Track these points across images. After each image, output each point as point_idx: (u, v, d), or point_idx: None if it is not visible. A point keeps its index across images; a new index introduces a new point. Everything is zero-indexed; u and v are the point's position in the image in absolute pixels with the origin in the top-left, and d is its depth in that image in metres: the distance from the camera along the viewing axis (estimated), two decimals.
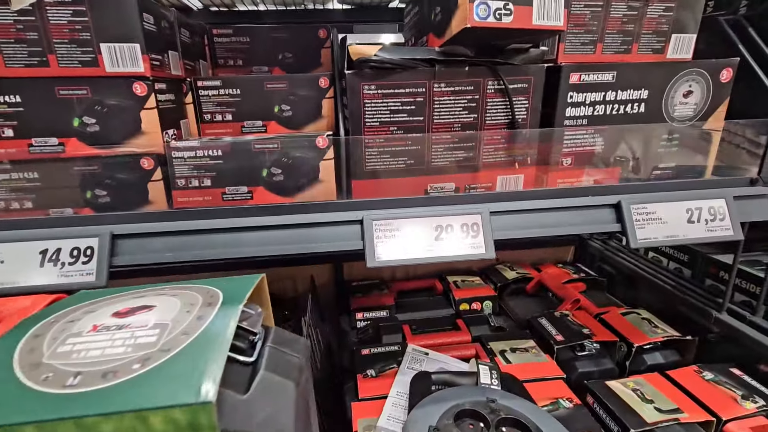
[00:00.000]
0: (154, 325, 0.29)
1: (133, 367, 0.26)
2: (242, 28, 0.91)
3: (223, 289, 0.33)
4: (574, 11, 0.64)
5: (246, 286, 0.33)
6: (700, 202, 0.71)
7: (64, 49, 0.57)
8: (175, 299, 0.32)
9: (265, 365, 0.29)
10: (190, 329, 0.28)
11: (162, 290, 0.34)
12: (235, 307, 0.30)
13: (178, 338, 0.27)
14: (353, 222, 0.67)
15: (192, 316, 0.29)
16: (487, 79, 0.66)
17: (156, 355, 0.26)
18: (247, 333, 0.30)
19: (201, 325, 0.28)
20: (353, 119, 0.66)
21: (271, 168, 0.66)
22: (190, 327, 0.28)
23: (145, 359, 0.26)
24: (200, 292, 0.33)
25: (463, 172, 0.71)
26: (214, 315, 0.29)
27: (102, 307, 0.31)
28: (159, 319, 0.29)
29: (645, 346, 0.88)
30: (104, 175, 0.63)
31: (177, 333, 0.28)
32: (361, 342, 1.03)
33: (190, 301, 0.31)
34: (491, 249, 0.67)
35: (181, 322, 0.29)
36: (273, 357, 0.30)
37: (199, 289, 0.33)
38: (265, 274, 0.37)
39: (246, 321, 0.31)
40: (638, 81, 0.68)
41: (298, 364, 0.31)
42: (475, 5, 0.53)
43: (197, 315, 0.29)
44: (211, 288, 0.34)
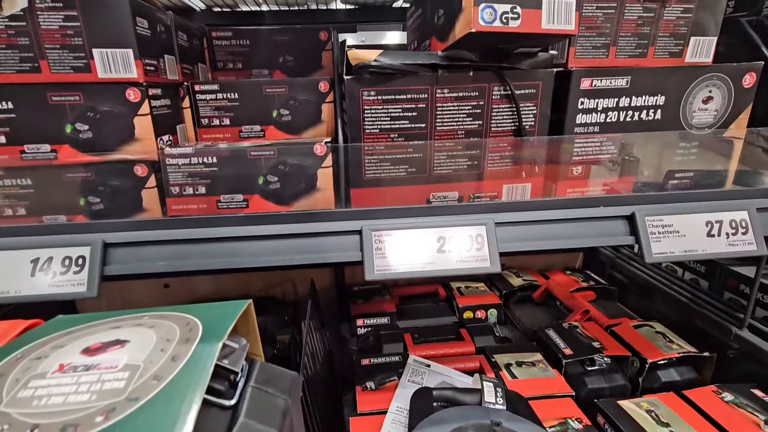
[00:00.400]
0: (124, 366, 0.27)
1: (96, 420, 0.23)
2: (242, 31, 0.89)
3: (204, 319, 0.31)
4: (586, 13, 0.61)
5: (229, 316, 0.31)
6: (720, 215, 0.67)
7: (56, 54, 0.56)
8: (151, 332, 0.29)
9: (246, 411, 0.26)
10: (163, 372, 0.26)
11: (140, 318, 0.32)
12: (214, 345, 0.27)
13: (149, 384, 0.25)
14: (352, 232, 0.64)
15: (166, 356, 0.27)
16: (493, 84, 0.62)
17: (122, 404, 0.24)
18: (227, 372, 0.28)
19: (175, 368, 0.26)
20: (352, 125, 0.63)
21: (268, 176, 0.64)
22: (163, 370, 0.26)
23: (110, 410, 0.24)
24: (179, 324, 0.30)
25: (468, 181, 0.68)
26: (191, 355, 0.27)
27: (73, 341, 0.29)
28: (130, 359, 0.27)
29: (659, 362, 0.84)
30: (97, 182, 0.62)
31: (148, 377, 0.26)
32: (361, 351, 1.01)
33: (167, 336, 0.29)
34: (496, 262, 0.64)
35: (153, 364, 0.27)
36: (255, 400, 0.28)
37: (178, 319, 0.31)
38: (251, 301, 0.34)
39: (227, 358, 0.29)
40: (654, 86, 0.65)
41: (282, 406, 0.28)
42: (481, 9, 0.50)
43: (172, 355, 0.27)
44: (191, 318, 0.31)
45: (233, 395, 0.27)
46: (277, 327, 1.12)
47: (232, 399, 0.27)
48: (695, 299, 0.95)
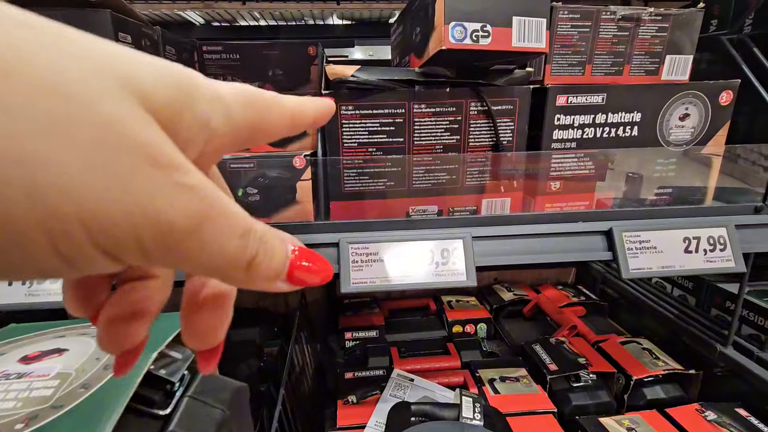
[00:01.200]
0: (56, 374, 0.27)
1: (15, 427, 0.23)
2: (232, 45, 0.91)
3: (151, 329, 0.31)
4: (561, 32, 0.62)
5: (173, 326, 0.31)
6: (698, 231, 0.67)
7: None
8: (92, 341, 0.30)
9: (178, 421, 0.27)
10: (93, 381, 0.26)
11: (87, 328, 0.32)
12: (148, 355, 0.28)
13: (76, 392, 0.25)
14: (330, 245, 0.65)
15: (100, 365, 0.27)
16: (470, 100, 0.63)
17: (45, 412, 0.24)
18: (163, 382, 0.28)
19: (105, 376, 0.26)
20: (331, 140, 0.64)
21: (247, 188, 0.65)
22: (92, 378, 0.26)
23: (32, 417, 0.24)
24: None
25: (447, 195, 0.68)
26: None
27: (15, 349, 0.30)
28: (64, 367, 0.27)
29: (645, 379, 0.83)
30: None
31: (77, 385, 0.26)
32: (347, 364, 1.00)
33: None
34: (473, 276, 0.64)
35: (86, 372, 0.27)
36: (189, 410, 0.28)
37: None
38: None
39: (166, 368, 0.29)
40: (630, 103, 0.65)
41: (219, 418, 0.28)
42: (451, 27, 0.51)
43: (105, 364, 0.27)
44: None
45: (168, 405, 0.28)
46: (266, 339, 1.11)
47: (165, 409, 0.27)
48: (682, 316, 0.94)
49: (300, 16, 1.39)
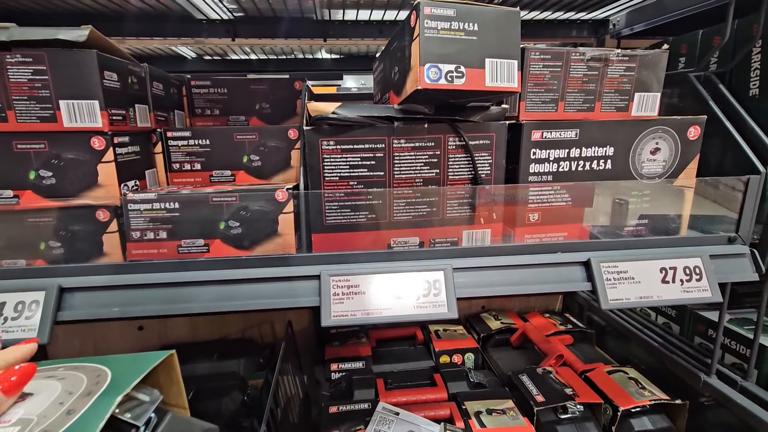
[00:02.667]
0: (17, 420, 0.26)
1: None
2: (220, 80, 0.93)
3: (116, 370, 0.31)
4: (533, 71, 0.65)
5: (141, 367, 0.31)
6: (674, 261, 0.69)
7: (23, 105, 0.58)
8: (58, 384, 0.29)
9: None
10: (53, 427, 0.26)
11: (55, 370, 0.32)
12: (111, 400, 0.27)
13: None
14: (311, 277, 0.65)
15: (63, 410, 0.27)
16: (448, 135, 0.65)
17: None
18: (127, 426, 0.28)
19: (68, 421, 0.26)
20: (312, 174, 0.65)
21: (229, 221, 0.65)
22: (54, 424, 0.26)
23: None
24: (89, 375, 0.30)
25: (427, 227, 0.69)
26: (87, 408, 0.27)
27: None
28: (26, 413, 0.27)
29: (632, 409, 0.82)
30: (58, 226, 0.63)
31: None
32: (332, 396, 0.98)
33: (71, 389, 0.29)
34: (454, 308, 0.64)
35: (47, 418, 0.27)
36: None
37: (90, 371, 0.31)
38: (173, 351, 0.35)
39: (131, 411, 0.29)
40: (603, 138, 0.68)
41: None
42: (426, 68, 0.53)
43: (68, 408, 0.27)
44: (102, 369, 0.31)
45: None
46: (251, 370, 1.09)
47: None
48: (667, 344, 0.94)
49: (290, 50, 1.43)
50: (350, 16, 1.06)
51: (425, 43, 0.53)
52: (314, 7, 0.99)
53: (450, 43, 0.54)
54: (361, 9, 1.02)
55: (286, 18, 1.05)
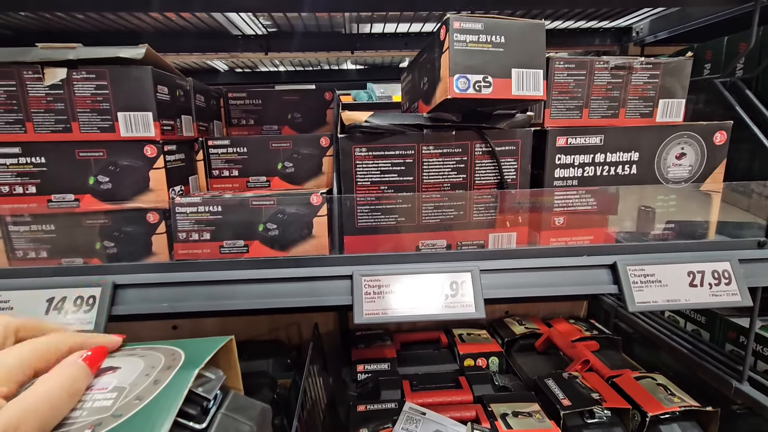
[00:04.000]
0: (113, 388, 0.31)
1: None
2: (255, 92, 0.98)
3: (187, 351, 0.35)
4: (558, 80, 0.67)
5: (209, 349, 0.35)
6: (702, 265, 0.69)
7: (86, 117, 0.64)
8: (140, 361, 0.34)
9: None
10: (145, 394, 0.30)
11: (133, 351, 0.36)
12: (191, 372, 0.31)
13: (132, 403, 0.29)
14: (343, 277, 0.68)
15: (149, 380, 0.31)
16: (475, 142, 0.68)
17: (107, 420, 0.28)
18: (200, 399, 0.31)
19: (155, 390, 0.30)
20: (345, 179, 0.69)
21: (267, 223, 0.69)
22: (144, 391, 0.30)
23: (97, 424, 0.27)
24: (165, 354, 0.34)
25: (455, 230, 0.72)
26: (170, 380, 0.31)
27: None
28: (119, 382, 0.31)
29: (661, 416, 0.82)
30: (113, 228, 0.68)
31: (131, 398, 0.29)
32: (359, 396, 1.00)
33: (152, 364, 0.33)
34: (481, 308, 0.66)
35: (138, 386, 0.31)
36: (223, 424, 0.31)
37: (165, 351, 0.35)
38: (233, 337, 0.38)
39: (203, 386, 0.32)
40: (628, 144, 0.69)
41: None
42: (455, 78, 0.56)
43: (154, 379, 0.31)
44: (176, 350, 0.35)
45: (204, 420, 0.31)
46: (280, 371, 1.12)
47: (202, 423, 0.30)
48: (696, 351, 0.93)
49: (317, 62, 1.49)
50: (377, 29, 1.11)
51: (454, 55, 0.56)
52: (344, 22, 1.04)
53: (478, 54, 0.57)
54: (387, 22, 1.06)
55: (316, 32, 1.10)
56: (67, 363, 0.30)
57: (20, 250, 0.69)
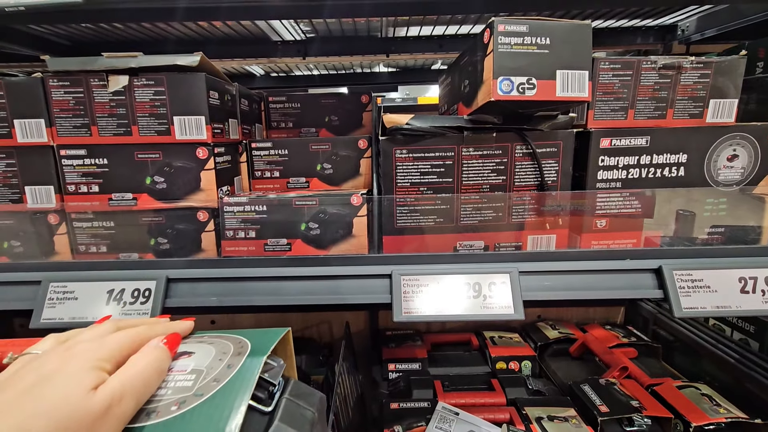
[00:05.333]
0: (191, 370, 0.33)
1: (171, 408, 0.30)
2: (294, 96, 1.02)
3: (252, 340, 0.37)
4: (602, 81, 0.66)
5: (272, 338, 0.37)
6: (755, 271, 0.66)
7: (145, 121, 0.68)
8: (211, 347, 0.36)
9: (281, 416, 0.32)
10: (221, 377, 0.32)
11: (201, 338, 0.39)
12: (260, 359, 0.34)
13: (210, 384, 0.32)
14: (383, 276, 0.69)
15: (223, 364, 0.33)
16: (515, 143, 0.68)
17: (190, 399, 0.30)
18: (267, 383, 0.34)
19: (230, 374, 0.32)
20: (386, 180, 0.70)
21: (309, 222, 0.72)
22: (220, 374, 0.32)
23: (182, 402, 0.30)
24: (232, 342, 0.37)
25: (493, 231, 0.72)
26: (241, 365, 0.33)
27: None
28: (196, 365, 0.34)
29: (705, 426, 0.79)
30: (166, 225, 0.72)
31: (209, 379, 0.32)
32: (391, 395, 1.02)
33: (223, 350, 0.36)
34: (520, 310, 0.66)
35: (214, 369, 0.33)
36: (288, 409, 0.33)
37: (232, 339, 0.38)
38: (290, 328, 0.40)
39: (268, 372, 0.35)
40: (675, 145, 0.67)
41: (311, 417, 0.34)
42: (499, 81, 0.57)
43: (227, 363, 0.34)
44: (242, 339, 0.38)
45: (271, 403, 0.33)
46: (312, 367, 1.15)
47: (269, 406, 0.33)
48: (745, 361, 0.89)
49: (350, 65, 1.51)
50: (413, 32, 1.12)
51: (499, 58, 0.57)
52: (380, 26, 1.06)
53: (522, 57, 0.57)
54: (424, 25, 1.07)
55: (353, 36, 1.12)
56: (151, 346, 0.33)
57: (83, 245, 0.74)
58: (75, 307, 0.67)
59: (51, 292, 0.68)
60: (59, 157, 0.70)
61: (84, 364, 0.29)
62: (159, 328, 0.36)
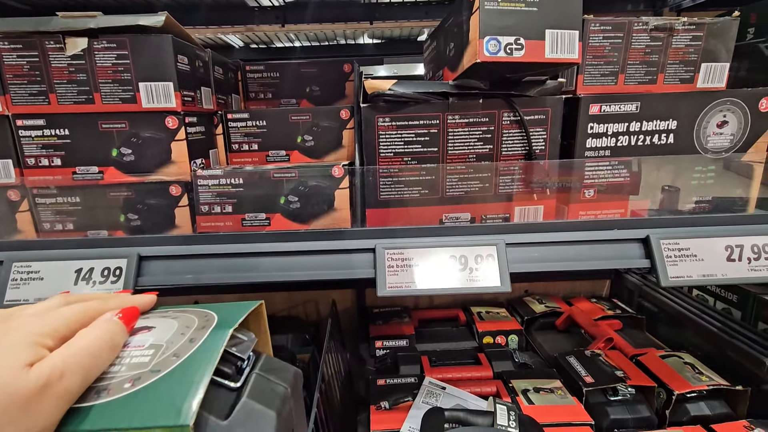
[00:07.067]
0: (149, 345, 0.31)
1: (124, 386, 0.28)
2: (273, 64, 0.97)
3: (220, 313, 0.35)
4: (593, 43, 0.63)
5: (241, 311, 0.35)
6: (741, 239, 0.66)
7: (108, 88, 0.63)
8: (173, 321, 0.34)
9: (249, 392, 0.30)
10: (181, 351, 0.30)
11: (165, 312, 0.36)
12: (225, 332, 0.31)
13: (169, 360, 0.29)
14: (366, 250, 0.67)
15: (185, 338, 0.31)
16: (503, 110, 0.65)
17: (146, 375, 0.28)
18: (235, 358, 0.31)
19: (191, 348, 0.30)
20: (368, 150, 0.67)
21: (289, 196, 0.69)
22: (181, 349, 0.30)
23: (136, 379, 0.28)
24: (198, 316, 0.34)
25: (480, 203, 0.70)
26: (205, 338, 0.31)
27: None
28: (155, 340, 0.31)
29: (687, 394, 0.80)
30: (136, 200, 0.68)
31: (168, 354, 0.30)
32: (378, 371, 1.01)
33: (186, 324, 0.33)
34: (507, 282, 0.65)
35: (174, 344, 0.31)
36: (258, 384, 0.31)
37: (197, 313, 0.35)
38: (263, 301, 0.38)
39: (236, 347, 0.32)
40: (665, 111, 0.65)
41: (282, 393, 0.32)
42: (485, 41, 0.54)
43: (190, 337, 0.31)
44: (208, 312, 0.35)
45: (239, 379, 0.31)
46: (298, 346, 1.14)
47: (237, 382, 0.31)
48: (727, 330, 0.90)
49: (333, 36, 1.45)
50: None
51: (485, 15, 0.53)
52: None
53: (510, 15, 0.54)
54: None
55: (333, 2, 1.07)
56: (102, 320, 0.30)
57: (47, 222, 0.69)
58: (41, 288, 0.64)
59: (14, 273, 0.64)
60: (15, 128, 0.65)
61: (21, 339, 0.26)
62: (113, 302, 0.33)
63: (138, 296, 0.36)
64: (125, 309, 0.32)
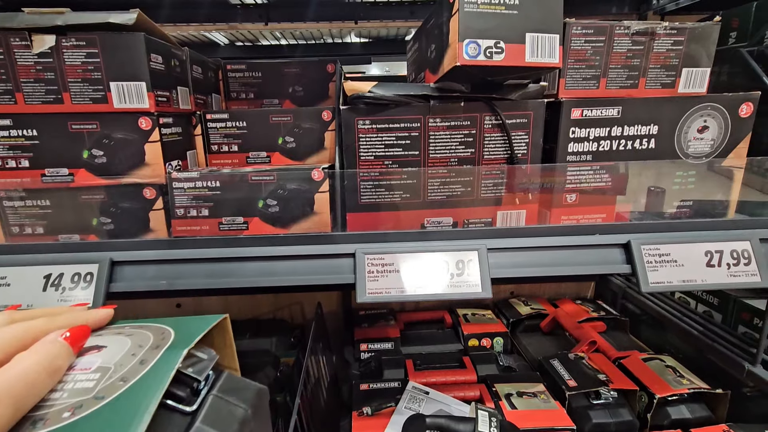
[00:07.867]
0: (97, 368, 0.29)
1: (63, 415, 0.25)
2: (255, 64, 0.95)
3: (178, 329, 0.33)
4: (575, 47, 0.63)
5: (200, 327, 0.33)
6: (721, 245, 0.66)
7: (77, 87, 0.61)
8: (127, 339, 0.32)
9: (203, 417, 0.28)
10: (130, 375, 0.28)
11: (121, 329, 0.34)
12: (179, 352, 0.29)
13: (116, 384, 0.27)
14: (346, 255, 0.66)
15: (135, 360, 0.29)
16: (485, 114, 0.64)
17: (88, 402, 0.26)
18: (191, 380, 0.30)
19: (141, 371, 0.28)
20: (348, 153, 0.66)
21: (267, 199, 0.67)
22: (130, 372, 0.28)
23: (77, 407, 0.26)
24: (154, 333, 0.33)
25: (462, 207, 0.69)
26: (157, 360, 0.29)
27: None
28: (104, 362, 0.29)
29: (669, 397, 0.81)
30: (109, 203, 0.66)
31: (115, 378, 0.28)
32: (362, 376, 1.00)
33: (140, 343, 0.31)
34: (488, 288, 0.64)
35: (123, 366, 0.29)
36: (214, 407, 0.29)
37: (154, 329, 0.33)
38: (227, 315, 0.36)
39: (193, 367, 0.31)
40: (647, 116, 0.65)
41: (241, 415, 0.30)
42: (465, 44, 0.53)
43: (141, 359, 0.29)
44: (166, 328, 0.33)
45: (194, 402, 0.29)
46: (282, 349, 1.12)
47: (192, 405, 0.29)
48: (708, 333, 0.91)
49: (319, 35, 1.43)
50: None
51: (464, 18, 0.52)
52: None
53: (490, 17, 0.53)
54: None
55: (316, 1, 1.05)
56: (46, 341, 0.29)
57: (16, 226, 0.67)
58: (7, 294, 0.62)
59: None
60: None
61: None
62: (62, 319, 0.31)
63: (92, 312, 0.34)
64: (74, 328, 0.31)
